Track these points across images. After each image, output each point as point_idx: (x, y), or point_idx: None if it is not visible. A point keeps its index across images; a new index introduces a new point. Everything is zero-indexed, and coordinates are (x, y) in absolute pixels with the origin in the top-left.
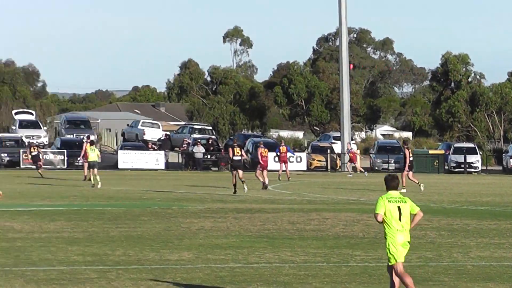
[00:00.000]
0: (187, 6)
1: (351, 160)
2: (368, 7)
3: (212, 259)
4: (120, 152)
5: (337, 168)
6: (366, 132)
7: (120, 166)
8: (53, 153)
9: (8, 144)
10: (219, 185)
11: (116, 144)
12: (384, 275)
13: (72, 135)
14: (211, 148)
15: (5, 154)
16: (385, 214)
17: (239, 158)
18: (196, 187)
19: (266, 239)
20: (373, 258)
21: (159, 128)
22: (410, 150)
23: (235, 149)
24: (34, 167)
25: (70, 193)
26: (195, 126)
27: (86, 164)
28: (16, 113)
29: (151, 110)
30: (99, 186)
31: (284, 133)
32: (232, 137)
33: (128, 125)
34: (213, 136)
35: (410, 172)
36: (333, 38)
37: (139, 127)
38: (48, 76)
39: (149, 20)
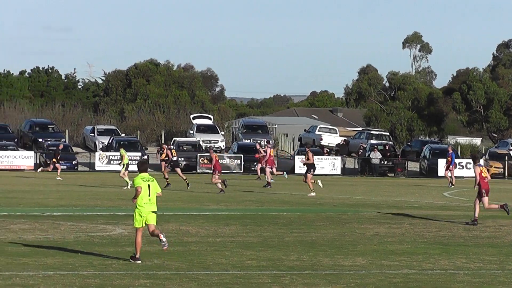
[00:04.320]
0: (365, 12)
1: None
2: None
3: (386, 265)
4: (296, 157)
5: None
6: None
7: (296, 171)
8: (230, 157)
9: (185, 149)
10: (395, 191)
11: (293, 149)
12: None
13: (249, 140)
14: (388, 154)
15: (182, 158)
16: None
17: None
18: (372, 192)
19: (440, 245)
20: None
21: (336, 133)
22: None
23: None
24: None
25: (246, 198)
26: (372, 132)
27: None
28: (194, 118)
29: (328, 116)
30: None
31: (462, 140)
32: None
33: (305, 130)
34: (390, 142)
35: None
36: None
37: (316, 132)
38: (226, 81)
39: (328, 26)
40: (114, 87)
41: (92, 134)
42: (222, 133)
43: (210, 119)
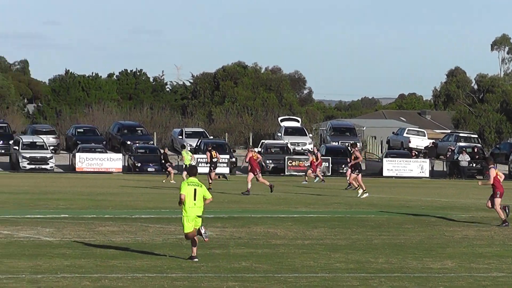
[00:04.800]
0: (453, 14)
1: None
2: None
3: (475, 268)
4: (385, 159)
5: None
6: None
7: (384, 174)
8: None
9: (273, 151)
10: (484, 194)
11: (381, 152)
12: None
13: (337, 142)
14: (477, 156)
15: (270, 161)
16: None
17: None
18: (460, 195)
19: None
20: None
21: (424, 136)
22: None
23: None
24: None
25: (334, 200)
26: (460, 134)
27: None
28: (282, 120)
29: (416, 118)
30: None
31: None
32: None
33: (393, 132)
34: (479, 145)
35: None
36: None
37: (405, 134)
38: (314, 83)
39: (416, 28)
40: (202, 89)
41: (180, 137)
42: (310, 135)
43: (298, 121)
